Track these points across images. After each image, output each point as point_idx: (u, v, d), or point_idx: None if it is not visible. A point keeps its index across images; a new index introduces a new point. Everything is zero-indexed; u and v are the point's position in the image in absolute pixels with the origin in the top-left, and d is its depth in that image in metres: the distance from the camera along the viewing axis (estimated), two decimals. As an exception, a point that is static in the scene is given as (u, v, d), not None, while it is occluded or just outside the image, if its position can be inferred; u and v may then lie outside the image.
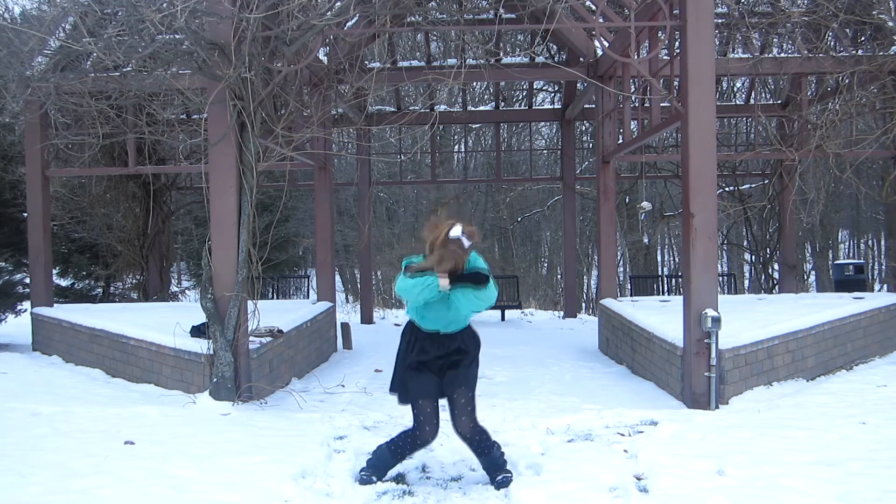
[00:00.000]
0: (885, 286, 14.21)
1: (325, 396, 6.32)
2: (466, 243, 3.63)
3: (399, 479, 4.01)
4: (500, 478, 3.87)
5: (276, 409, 5.66)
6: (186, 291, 16.79)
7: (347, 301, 21.96)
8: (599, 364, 7.99)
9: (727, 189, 13.48)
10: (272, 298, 13.39)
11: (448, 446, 4.55)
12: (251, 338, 5.98)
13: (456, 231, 3.62)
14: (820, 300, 8.65)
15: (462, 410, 3.84)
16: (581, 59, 9.69)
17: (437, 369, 3.87)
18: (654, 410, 5.36)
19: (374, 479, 3.92)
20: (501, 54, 11.14)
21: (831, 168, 9.44)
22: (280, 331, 6.62)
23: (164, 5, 5.52)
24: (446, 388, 3.87)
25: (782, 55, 9.03)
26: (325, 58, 8.17)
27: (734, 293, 12.58)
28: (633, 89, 8.68)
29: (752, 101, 11.38)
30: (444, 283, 3.65)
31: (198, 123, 9.38)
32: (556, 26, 6.33)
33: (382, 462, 3.96)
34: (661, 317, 7.03)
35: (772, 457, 4.02)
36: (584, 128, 18.09)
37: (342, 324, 9.60)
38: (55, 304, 9.17)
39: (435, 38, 12.17)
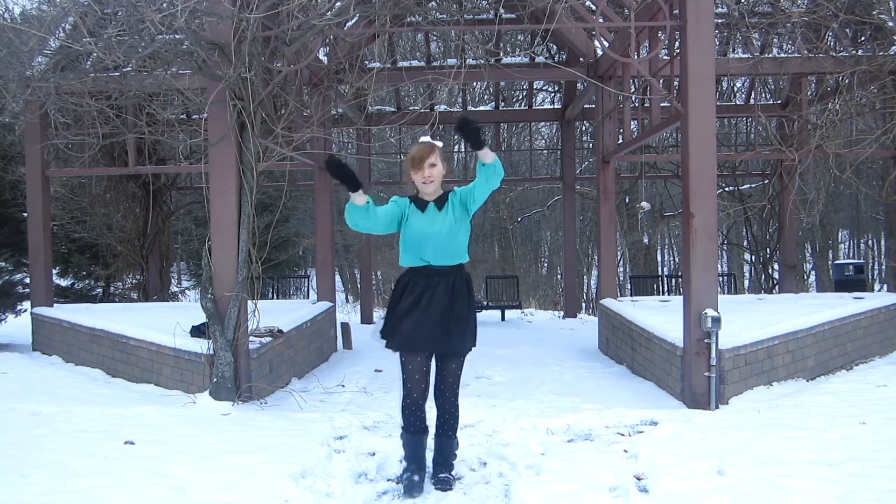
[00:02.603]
0: (885, 286, 14.22)
1: (325, 396, 6.32)
2: (437, 143, 3.70)
3: (400, 479, 4.00)
4: (442, 476, 3.83)
5: (276, 409, 5.66)
6: (186, 291, 16.80)
7: (347, 301, 21.98)
8: (599, 364, 7.99)
9: (727, 189, 13.49)
10: (272, 298, 13.39)
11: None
12: (251, 338, 5.98)
13: (423, 138, 3.74)
14: (820, 300, 8.65)
15: (449, 387, 3.77)
16: (581, 59, 9.69)
17: (437, 317, 3.64)
18: (654, 410, 5.36)
19: (415, 477, 3.77)
20: (501, 54, 11.15)
21: (831, 168, 9.44)
22: (280, 331, 6.62)
23: (164, 5, 5.52)
24: (440, 350, 3.73)
25: (782, 55, 9.03)
26: (325, 58, 8.17)
27: (734, 293, 12.58)
28: (633, 89, 8.68)
29: (752, 101, 11.38)
30: (360, 199, 3.55)
31: (198, 123, 9.38)
32: (556, 26, 6.33)
33: (406, 447, 3.83)
34: (661, 317, 7.03)
35: (772, 457, 4.02)
36: (584, 128, 18.10)
37: (342, 324, 9.60)
38: (55, 304, 9.17)
39: (435, 38, 12.17)
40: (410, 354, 3.72)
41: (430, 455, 3.98)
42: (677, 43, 6.24)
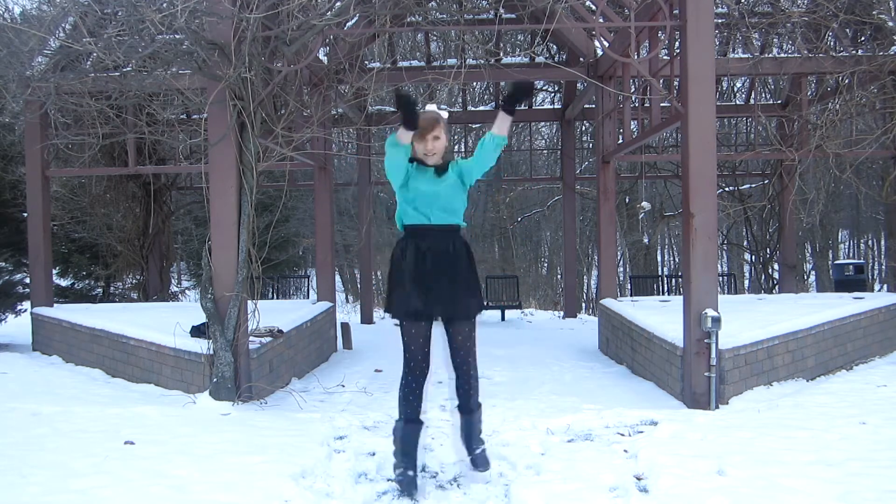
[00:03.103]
0: (885, 286, 14.21)
1: (325, 396, 6.32)
2: (444, 113, 3.79)
3: (394, 478, 3.99)
4: (479, 451, 3.82)
5: (276, 409, 5.66)
6: (186, 291, 16.80)
7: (347, 301, 21.98)
8: (599, 364, 7.99)
9: (727, 189, 13.49)
10: (272, 298, 13.39)
11: (448, 446, 4.55)
12: (251, 338, 5.98)
13: (430, 106, 3.79)
14: (820, 300, 8.65)
15: (463, 350, 3.70)
16: (581, 59, 9.70)
17: (439, 280, 3.59)
18: (654, 410, 5.36)
19: (410, 472, 3.68)
20: (501, 54, 11.15)
21: (831, 168, 9.44)
22: (280, 331, 6.62)
23: (164, 5, 5.52)
24: (446, 313, 3.67)
25: (782, 55, 9.03)
26: (325, 58, 8.17)
27: (734, 293, 12.58)
28: (633, 89, 8.68)
29: (752, 101, 11.38)
30: (406, 137, 3.51)
31: (198, 123, 9.38)
32: (556, 26, 6.33)
33: (400, 440, 3.70)
34: (661, 317, 7.03)
35: (772, 457, 4.02)
36: (584, 128, 18.09)
37: (342, 324, 9.60)
38: (55, 304, 9.17)
39: (435, 38, 12.17)
40: (413, 321, 3.62)
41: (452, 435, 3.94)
42: (677, 43, 6.24)
